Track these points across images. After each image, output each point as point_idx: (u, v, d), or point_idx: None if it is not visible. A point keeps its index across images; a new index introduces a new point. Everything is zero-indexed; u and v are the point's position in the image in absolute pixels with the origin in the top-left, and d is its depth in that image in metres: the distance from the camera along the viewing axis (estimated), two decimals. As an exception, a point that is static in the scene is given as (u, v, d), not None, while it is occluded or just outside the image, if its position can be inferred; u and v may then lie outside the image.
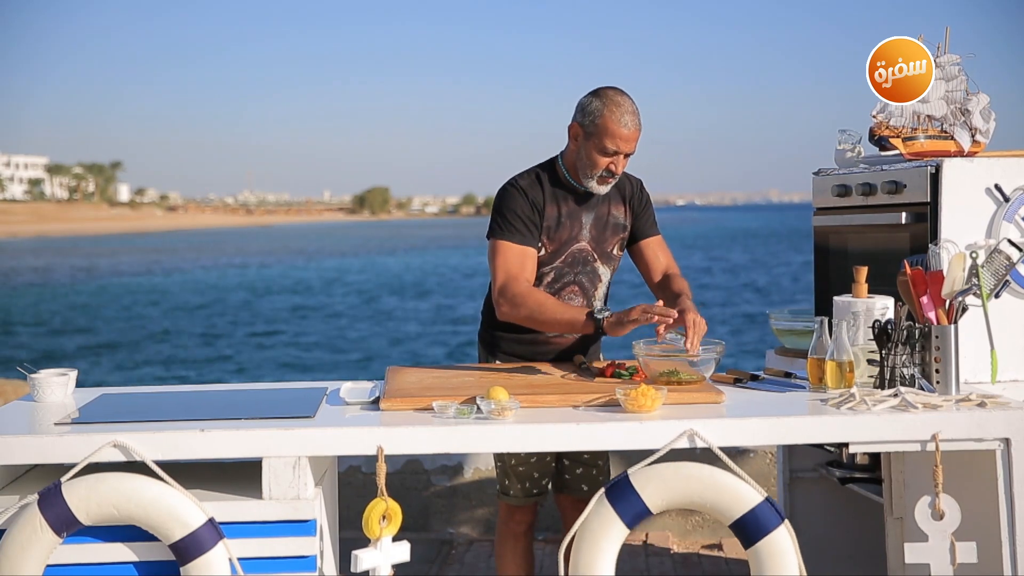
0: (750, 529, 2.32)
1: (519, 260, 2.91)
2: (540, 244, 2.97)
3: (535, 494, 3.08)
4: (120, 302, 31.51)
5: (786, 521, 2.32)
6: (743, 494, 2.32)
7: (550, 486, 3.13)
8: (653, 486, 2.33)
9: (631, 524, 2.35)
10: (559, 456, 3.09)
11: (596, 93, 2.89)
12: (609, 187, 2.96)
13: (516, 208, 2.94)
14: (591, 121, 2.86)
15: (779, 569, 2.29)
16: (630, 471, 2.36)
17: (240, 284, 37.74)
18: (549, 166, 3.03)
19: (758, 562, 2.32)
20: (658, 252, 3.11)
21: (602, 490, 2.37)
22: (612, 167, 2.89)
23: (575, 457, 3.07)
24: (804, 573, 2.31)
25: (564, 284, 3.02)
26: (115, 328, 24.96)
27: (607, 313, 2.73)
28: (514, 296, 2.85)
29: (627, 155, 2.90)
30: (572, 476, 3.09)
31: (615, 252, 3.08)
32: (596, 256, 3.04)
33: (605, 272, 3.07)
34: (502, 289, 2.88)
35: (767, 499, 2.32)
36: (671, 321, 2.64)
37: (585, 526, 2.35)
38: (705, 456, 2.38)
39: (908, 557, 2.39)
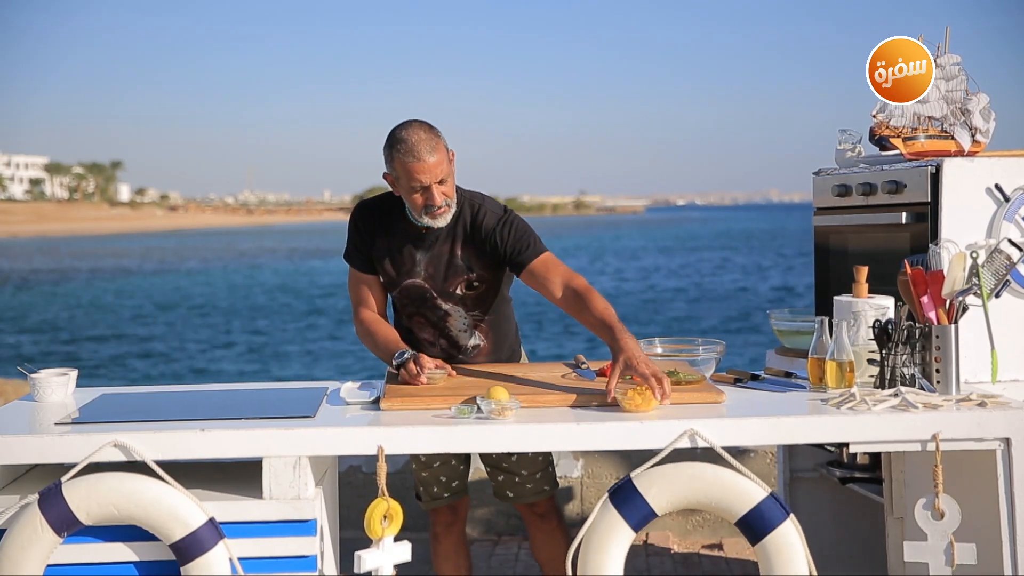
0: (756, 525, 2.32)
1: (360, 285, 3.03)
2: (379, 270, 2.99)
3: (445, 497, 3.09)
4: (145, 304, 31.22)
5: (791, 516, 2.32)
6: (747, 491, 2.32)
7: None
8: (657, 488, 2.33)
9: (637, 527, 2.35)
10: (483, 462, 3.08)
11: (388, 139, 2.82)
12: (445, 217, 2.84)
13: (351, 232, 3.03)
14: (393, 168, 2.82)
15: (787, 564, 2.29)
16: (633, 474, 2.36)
17: (273, 285, 37.36)
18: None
19: (766, 558, 2.31)
20: (547, 272, 2.85)
21: (606, 495, 2.37)
22: (429, 201, 2.80)
23: (494, 464, 3.05)
24: (812, 567, 2.31)
25: (411, 315, 3.02)
26: (153, 334, 24.30)
27: (405, 357, 2.75)
28: (357, 325, 3.01)
29: (440, 182, 2.78)
30: (496, 483, 3.08)
31: (458, 292, 2.93)
32: (436, 294, 2.95)
33: (455, 309, 2.96)
34: (353, 316, 3.06)
35: (771, 494, 2.32)
36: (420, 382, 2.65)
37: (591, 531, 2.35)
38: (705, 456, 2.38)
39: (907, 555, 2.39)
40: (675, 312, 27.04)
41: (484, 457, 3.06)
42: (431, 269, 2.94)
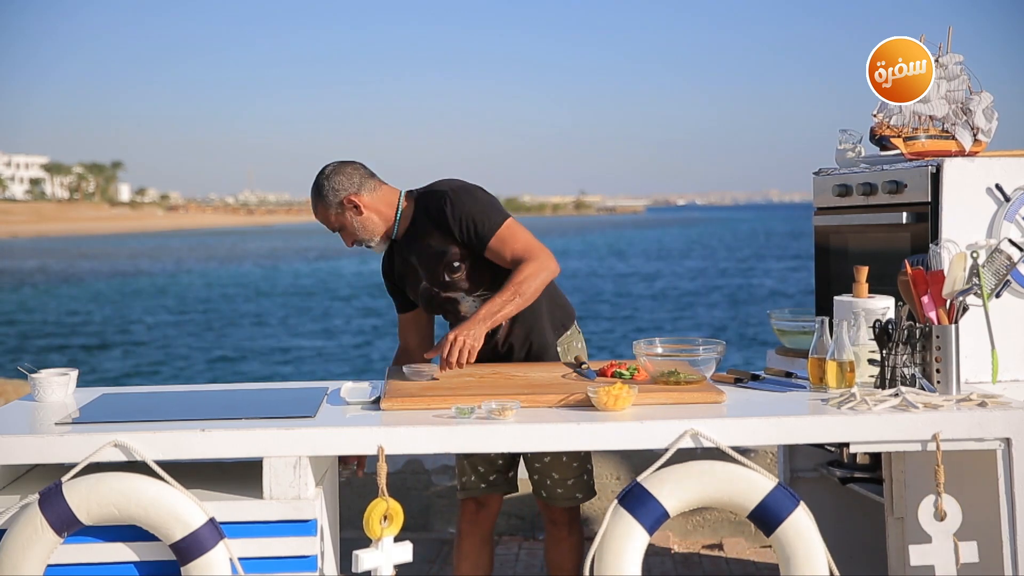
0: (769, 515, 2.32)
1: (401, 330, 3.26)
2: (409, 294, 3.15)
3: (481, 488, 3.06)
4: (147, 304, 30.97)
5: (802, 503, 2.32)
6: (756, 483, 2.32)
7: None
8: (668, 488, 2.33)
9: (651, 529, 2.33)
10: (524, 458, 3.06)
11: None
12: (377, 248, 3.08)
13: (385, 283, 3.23)
14: None
15: (805, 550, 2.29)
16: (640, 477, 2.35)
17: (277, 286, 37.16)
18: None
19: (783, 547, 2.31)
20: (502, 249, 2.92)
21: (615, 501, 2.36)
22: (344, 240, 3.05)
23: (530, 462, 3.04)
24: (827, 552, 2.31)
25: (442, 319, 3.19)
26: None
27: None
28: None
29: (338, 230, 3.02)
30: (533, 481, 3.06)
31: (448, 278, 3.00)
32: (437, 289, 3.03)
33: (457, 294, 3.03)
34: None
35: (780, 484, 2.32)
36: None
37: (607, 537, 2.33)
38: (705, 456, 2.38)
39: (913, 559, 2.39)
40: (697, 315, 26.91)
41: (525, 454, 3.03)
42: (423, 268, 3.04)
